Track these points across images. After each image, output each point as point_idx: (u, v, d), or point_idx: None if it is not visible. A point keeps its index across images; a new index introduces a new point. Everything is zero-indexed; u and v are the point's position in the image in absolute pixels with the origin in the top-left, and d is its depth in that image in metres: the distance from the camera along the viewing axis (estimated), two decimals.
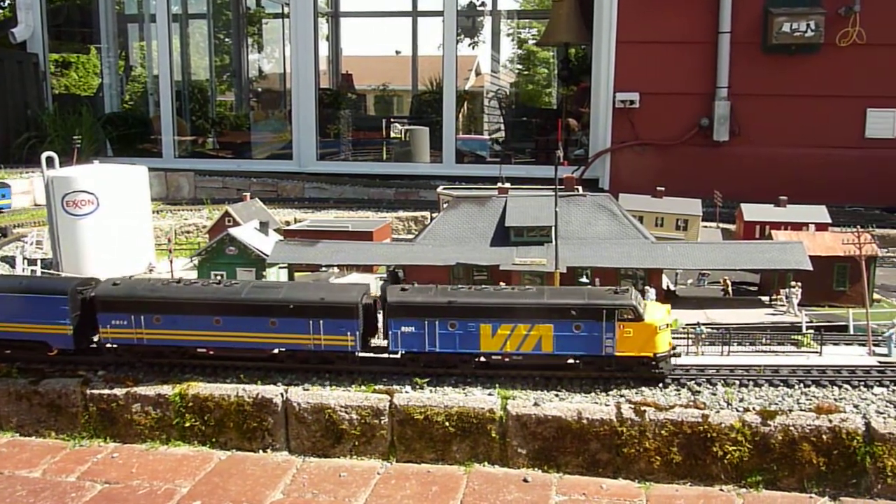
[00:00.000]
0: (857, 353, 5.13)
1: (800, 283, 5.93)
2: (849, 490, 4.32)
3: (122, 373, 5.18)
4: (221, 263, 6.48)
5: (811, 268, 5.86)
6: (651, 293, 5.78)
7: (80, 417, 5.08)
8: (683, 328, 5.36)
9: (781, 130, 10.80)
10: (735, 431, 4.38)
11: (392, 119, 18.41)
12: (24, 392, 5.14)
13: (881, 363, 4.90)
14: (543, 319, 4.72)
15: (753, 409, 4.45)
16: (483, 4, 19.55)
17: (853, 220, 8.60)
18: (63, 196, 7.20)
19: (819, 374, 4.77)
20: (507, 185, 6.95)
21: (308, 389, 4.87)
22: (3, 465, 4.79)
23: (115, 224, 7.38)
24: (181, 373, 5.14)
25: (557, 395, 4.70)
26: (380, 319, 5.22)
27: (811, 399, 4.55)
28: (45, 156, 7.39)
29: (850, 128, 10.69)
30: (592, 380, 4.82)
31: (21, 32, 13.65)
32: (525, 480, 4.50)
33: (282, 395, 4.85)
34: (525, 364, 4.87)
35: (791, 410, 4.43)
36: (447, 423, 4.63)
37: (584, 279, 5.89)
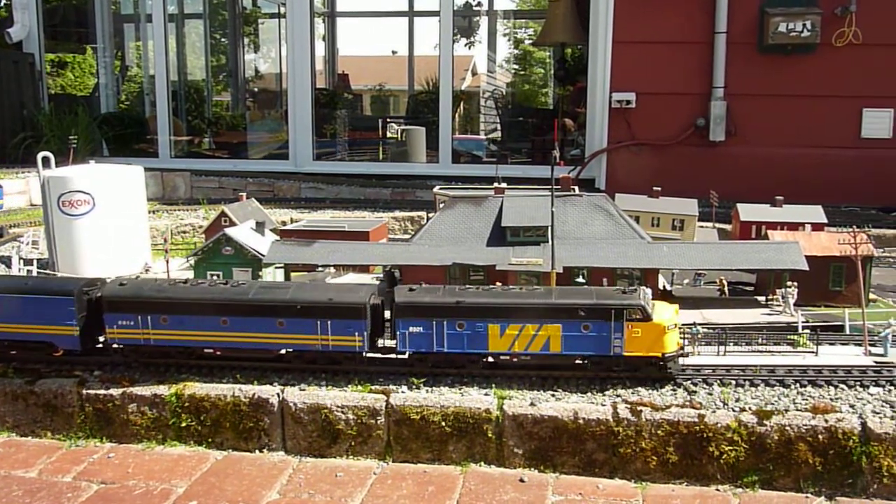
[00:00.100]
0: (854, 353, 5.13)
1: (796, 283, 5.93)
2: (845, 490, 4.32)
3: (119, 373, 5.18)
4: (218, 263, 6.47)
5: (807, 268, 5.86)
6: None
7: (77, 417, 5.08)
8: (680, 328, 5.36)
9: (778, 130, 10.81)
10: (731, 431, 4.38)
11: (388, 119, 18.40)
12: (21, 392, 5.13)
13: (877, 363, 4.91)
14: (552, 319, 4.71)
15: (750, 409, 4.46)
16: (479, 4, 19.53)
17: (849, 220, 8.61)
18: (59, 196, 7.19)
19: (815, 374, 4.78)
20: (504, 185, 6.94)
21: (304, 389, 4.87)
22: (0, 466, 4.79)
23: (112, 224, 7.36)
24: (177, 373, 5.13)
25: (554, 395, 4.70)
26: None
27: (807, 399, 4.55)
28: (41, 156, 7.37)
29: (847, 128, 10.69)
30: (589, 380, 4.82)
31: (17, 32, 13.61)
32: (521, 480, 4.50)
33: (278, 396, 4.85)
34: (533, 364, 4.86)
35: (787, 410, 4.43)
36: (443, 423, 4.63)
37: (581, 279, 5.89)
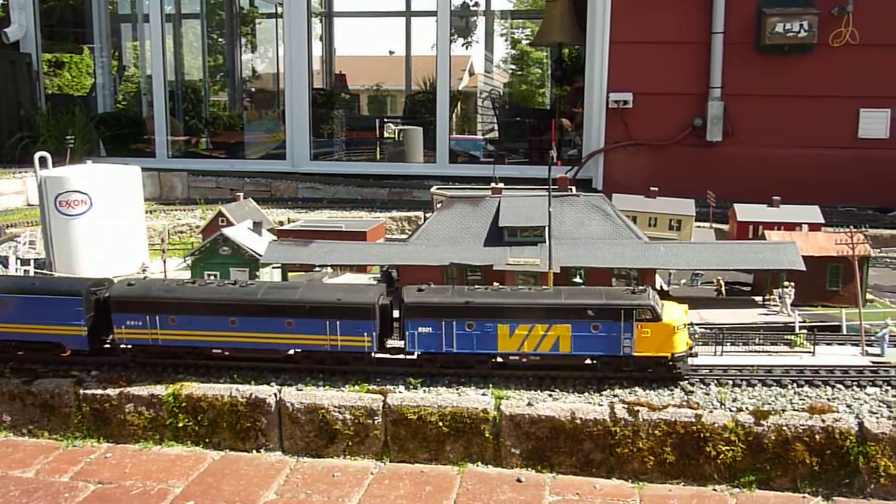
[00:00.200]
0: (850, 353, 5.14)
1: (793, 283, 5.94)
2: (842, 490, 4.33)
3: (116, 373, 5.17)
4: (215, 263, 6.46)
5: (804, 268, 5.86)
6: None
7: (74, 417, 5.07)
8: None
9: (775, 131, 10.82)
10: (728, 431, 4.38)
11: (386, 119, 18.43)
12: (18, 392, 5.12)
13: (874, 363, 4.91)
14: (561, 320, 4.70)
15: (746, 409, 4.46)
16: (476, 4, 19.54)
17: (846, 221, 8.64)
18: (56, 196, 7.18)
19: (812, 374, 4.78)
20: (501, 186, 6.94)
21: (302, 390, 4.86)
22: None
23: (109, 224, 7.35)
24: (174, 373, 5.12)
25: (551, 395, 4.70)
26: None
27: (804, 399, 4.56)
28: (38, 156, 7.36)
29: (843, 128, 10.70)
30: (586, 380, 4.82)
31: (14, 32, 13.60)
32: (518, 480, 4.50)
33: (275, 396, 4.85)
34: (542, 364, 4.85)
35: (784, 410, 4.43)
36: (441, 423, 4.63)
37: (578, 279, 5.89)
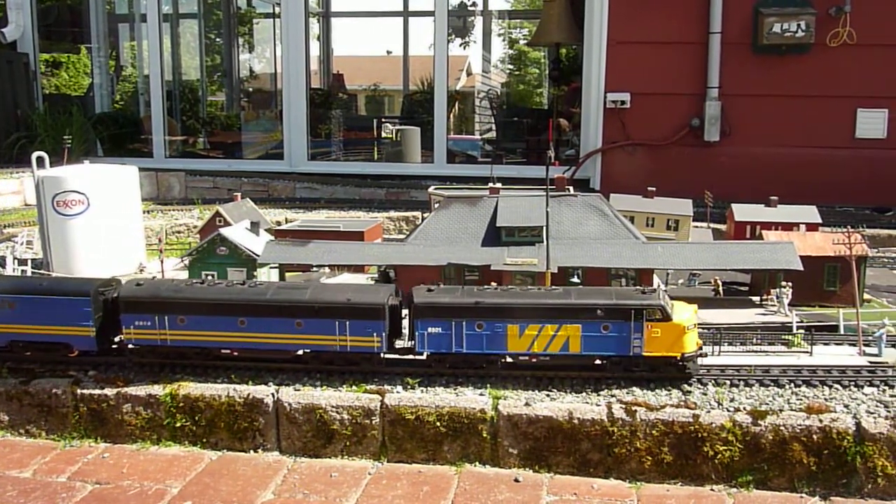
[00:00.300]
0: (848, 353, 5.15)
1: (790, 283, 5.95)
2: (839, 490, 4.33)
3: (113, 373, 5.16)
4: (212, 263, 6.46)
5: (802, 268, 5.87)
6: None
7: (71, 417, 5.06)
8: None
9: (772, 131, 10.83)
10: (726, 431, 4.39)
11: (383, 119, 18.39)
12: (15, 392, 5.11)
13: (871, 363, 4.92)
14: (571, 320, 4.69)
15: (744, 409, 4.46)
16: (474, 4, 19.56)
17: (843, 221, 8.65)
18: (53, 196, 7.16)
19: (809, 374, 4.79)
20: (499, 186, 6.94)
21: (299, 390, 4.86)
22: None
23: (106, 224, 7.34)
24: (172, 373, 5.12)
25: (549, 395, 4.70)
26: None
27: (802, 399, 4.56)
28: (36, 156, 7.34)
29: (841, 128, 10.72)
30: (584, 380, 4.82)
31: (11, 32, 13.59)
32: (516, 480, 4.50)
33: (273, 396, 4.84)
34: (552, 365, 4.84)
35: (781, 410, 4.44)
36: (438, 424, 4.63)
37: (576, 279, 5.90)
